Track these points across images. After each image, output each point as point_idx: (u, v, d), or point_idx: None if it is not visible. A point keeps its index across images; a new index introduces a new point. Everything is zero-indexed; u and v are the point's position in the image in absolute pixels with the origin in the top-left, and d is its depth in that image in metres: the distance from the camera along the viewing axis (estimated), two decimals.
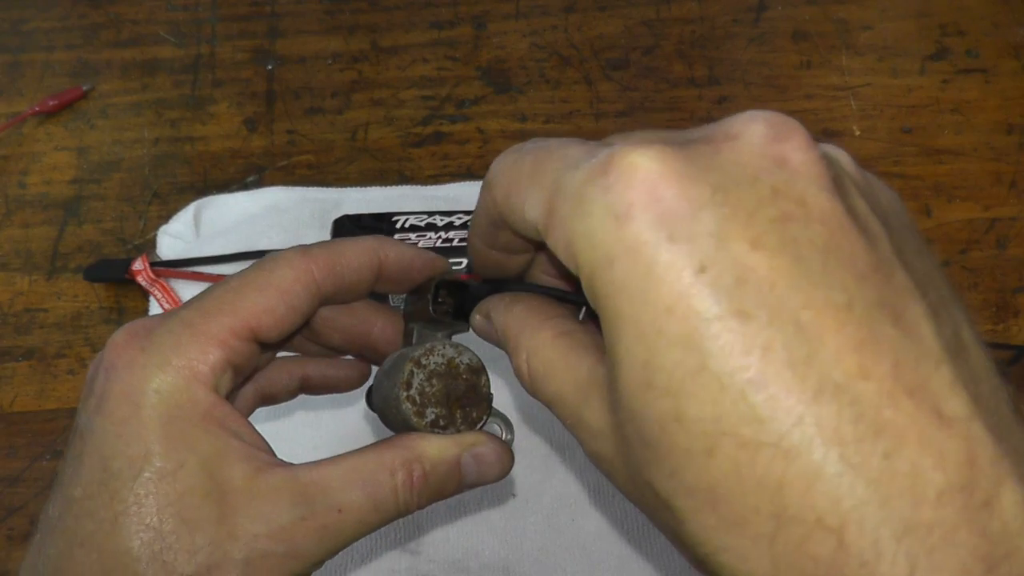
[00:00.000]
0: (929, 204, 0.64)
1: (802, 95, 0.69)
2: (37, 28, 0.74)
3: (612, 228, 0.24)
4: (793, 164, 0.24)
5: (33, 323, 0.60)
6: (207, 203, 0.63)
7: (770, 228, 0.23)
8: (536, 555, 0.51)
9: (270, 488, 0.31)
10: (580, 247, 0.25)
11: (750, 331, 0.22)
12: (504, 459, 0.34)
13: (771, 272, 0.23)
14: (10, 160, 0.67)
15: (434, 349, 0.34)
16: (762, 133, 0.25)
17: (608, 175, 0.24)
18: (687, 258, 0.23)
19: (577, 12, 0.74)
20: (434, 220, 0.58)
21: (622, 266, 0.24)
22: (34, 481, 0.55)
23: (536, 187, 0.26)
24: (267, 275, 0.33)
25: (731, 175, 0.24)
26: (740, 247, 0.23)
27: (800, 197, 0.24)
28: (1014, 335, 0.59)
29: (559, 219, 0.25)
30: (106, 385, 0.31)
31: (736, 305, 0.22)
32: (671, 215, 0.23)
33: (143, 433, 0.30)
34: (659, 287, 0.23)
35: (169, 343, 0.31)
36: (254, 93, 0.70)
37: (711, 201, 0.23)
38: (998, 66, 0.70)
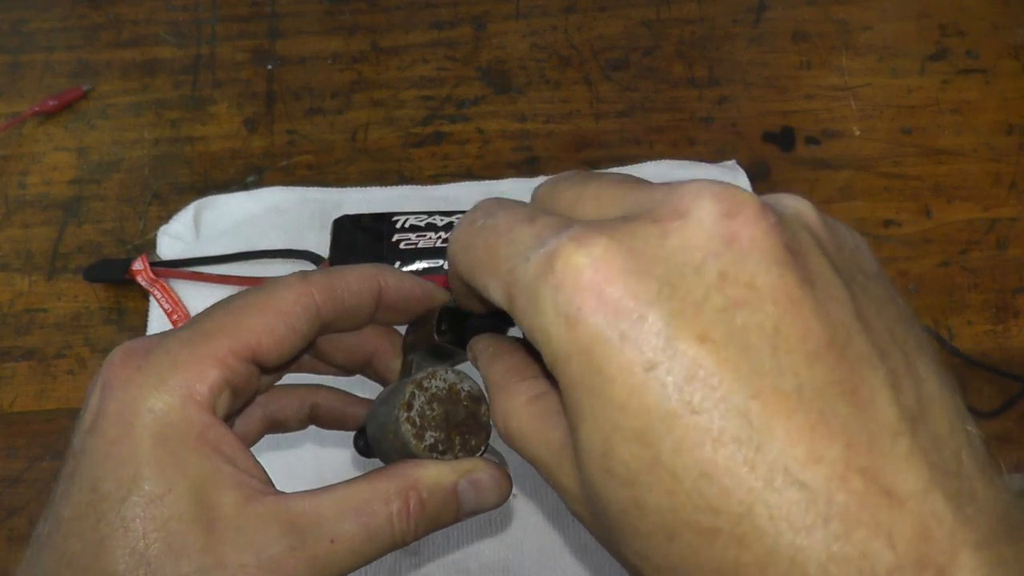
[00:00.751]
0: (929, 204, 0.64)
1: (802, 95, 0.69)
2: (37, 28, 0.74)
3: (564, 329, 0.24)
4: (743, 242, 0.24)
5: (33, 323, 0.60)
6: (207, 203, 0.63)
7: (717, 319, 0.23)
8: (536, 555, 0.51)
9: (260, 517, 0.30)
10: (539, 340, 0.25)
11: (700, 425, 0.23)
12: (502, 485, 0.34)
13: (718, 366, 0.23)
14: (10, 160, 0.67)
15: (436, 373, 0.34)
16: (710, 211, 0.24)
17: (555, 273, 0.24)
18: (637, 356, 0.23)
19: (577, 12, 0.74)
20: (434, 220, 0.58)
21: (577, 364, 0.24)
22: (34, 481, 0.55)
23: (493, 276, 0.27)
24: (267, 297, 0.33)
25: (677, 265, 0.24)
26: (688, 343, 0.23)
27: (749, 279, 0.24)
28: (1014, 335, 0.58)
29: (519, 311, 0.26)
30: (101, 404, 0.30)
31: (686, 400, 0.23)
32: (619, 314, 0.23)
33: (134, 454, 0.30)
34: (612, 385, 0.23)
35: (166, 362, 0.31)
36: (254, 93, 0.70)
37: (657, 298, 0.23)
38: (998, 66, 0.70)
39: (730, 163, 0.65)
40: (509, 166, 0.66)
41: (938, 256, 0.62)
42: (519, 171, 0.65)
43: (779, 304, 0.23)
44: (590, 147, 0.67)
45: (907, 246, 0.62)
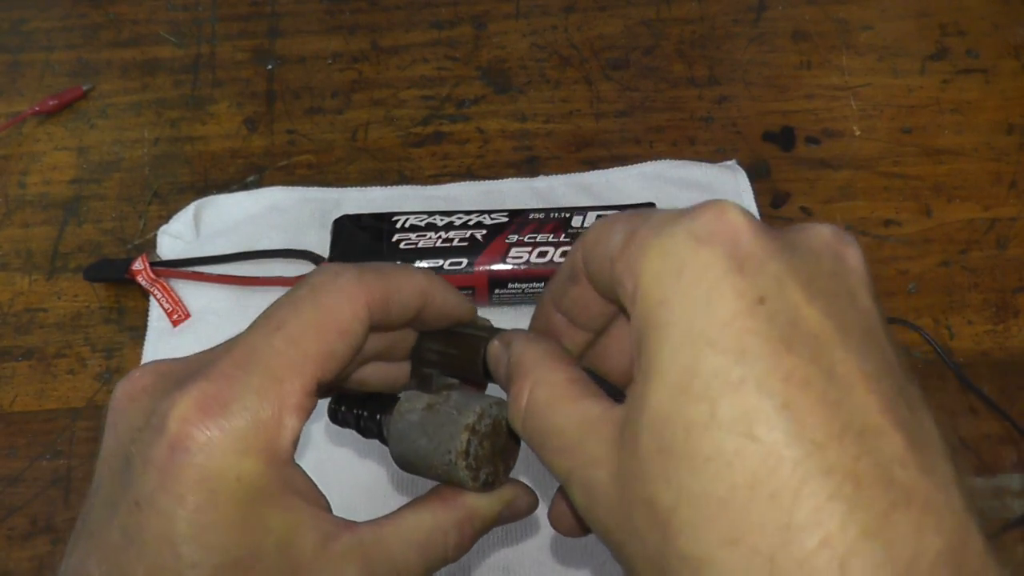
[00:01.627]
0: (929, 204, 0.64)
1: (802, 95, 0.69)
2: (37, 28, 0.74)
3: (690, 246, 0.26)
4: (850, 263, 0.28)
5: (33, 323, 0.60)
6: (207, 203, 0.63)
7: (824, 295, 0.26)
8: (536, 555, 0.51)
9: (339, 556, 0.31)
10: (649, 260, 0.27)
11: (792, 363, 0.24)
12: (533, 506, 0.36)
13: (818, 325, 0.25)
14: (10, 160, 0.67)
15: (484, 413, 0.34)
16: (829, 232, 0.28)
17: (699, 213, 0.27)
18: (751, 288, 0.25)
19: (577, 12, 0.74)
20: (434, 220, 0.58)
21: (688, 279, 0.26)
22: (34, 481, 0.55)
23: (626, 224, 0.29)
24: (325, 314, 0.31)
25: (800, 247, 0.27)
26: (798, 296, 0.25)
27: (851, 289, 0.27)
28: (1014, 335, 0.58)
29: (636, 240, 0.27)
30: (174, 464, 0.28)
31: (785, 337, 0.25)
32: (745, 253, 0.26)
33: (220, 522, 0.29)
34: (720, 304, 0.25)
35: (249, 422, 0.29)
36: (254, 93, 0.70)
37: (780, 254, 0.26)
38: (998, 66, 0.70)
39: (730, 163, 0.65)
40: (509, 166, 0.66)
41: (938, 256, 0.62)
42: (519, 171, 0.65)
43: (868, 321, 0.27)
44: (590, 146, 0.67)
45: (907, 246, 0.62)
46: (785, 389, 0.24)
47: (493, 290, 0.57)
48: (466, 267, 0.56)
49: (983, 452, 0.54)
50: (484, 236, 0.57)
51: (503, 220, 0.57)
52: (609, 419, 0.28)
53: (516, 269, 0.56)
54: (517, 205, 0.62)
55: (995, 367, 0.57)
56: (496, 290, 0.57)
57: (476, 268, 0.56)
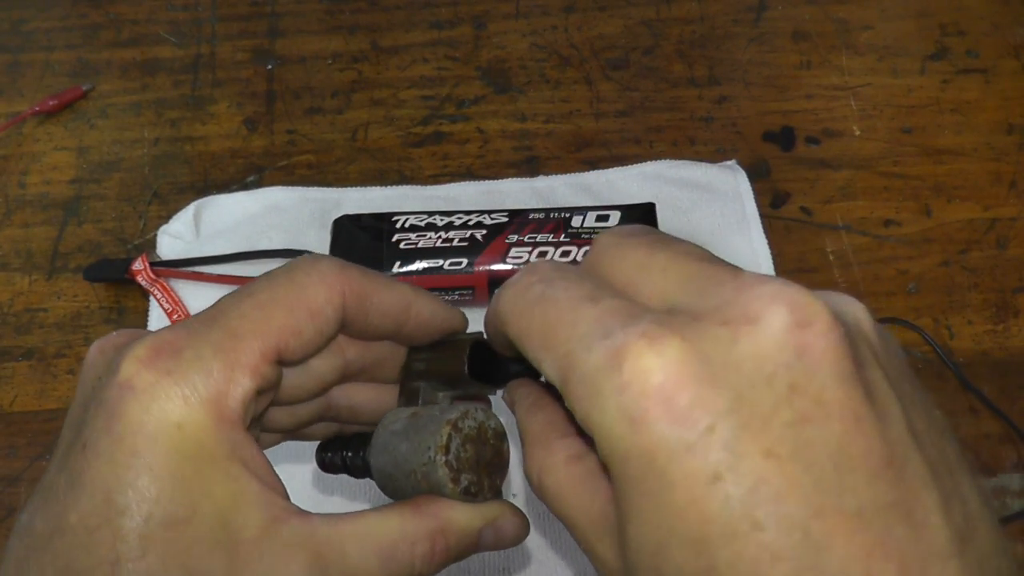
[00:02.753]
0: (929, 204, 0.64)
1: (802, 95, 0.69)
2: (37, 28, 0.74)
3: (628, 431, 0.24)
4: (814, 354, 0.24)
5: (33, 323, 0.60)
6: (207, 203, 0.63)
7: (784, 434, 0.23)
8: (536, 555, 0.51)
9: (284, 542, 0.29)
10: (597, 436, 0.25)
11: (761, 540, 0.23)
12: (521, 531, 0.34)
13: (783, 481, 0.23)
14: (10, 160, 0.67)
15: (468, 413, 0.33)
16: (782, 321, 0.24)
17: (622, 374, 0.24)
18: (702, 468, 0.23)
19: (577, 12, 0.74)
20: (434, 220, 0.58)
21: (636, 466, 0.24)
22: (34, 481, 0.55)
23: (548, 354, 0.27)
24: (298, 292, 0.31)
25: (748, 375, 0.24)
26: (755, 458, 0.23)
27: (818, 394, 0.24)
28: (1014, 335, 0.58)
29: (574, 398, 0.25)
30: (121, 405, 0.28)
31: (748, 514, 0.23)
32: (687, 423, 0.23)
33: (157, 470, 0.27)
34: (673, 491, 0.23)
35: (198, 371, 0.28)
36: (254, 93, 0.70)
37: (728, 409, 0.23)
38: (998, 66, 0.70)
39: (730, 163, 0.65)
40: (509, 165, 0.66)
41: (938, 256, 0.62)
42: (519, 171, 0.65)
43: (845, 421, 0.23)
44: (590, 146, 0.67)
45: (907, 246, 0.62)
46: (756, 573, 0.23)
47: (493, 290, 0.57)
48: (466, 267, 0.56)
49: (983, 452, 0.54)
50: (484, 236, 0.57)
51: (503, 220, 0.57)
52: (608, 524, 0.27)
53: (516, 269, 0.56)
54: (517, 205, 0.62)
55: (995, 367, 0.57)
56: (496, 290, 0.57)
57: (476, 268, 0.56)
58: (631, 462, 0.24)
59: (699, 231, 0.61)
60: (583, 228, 0.57)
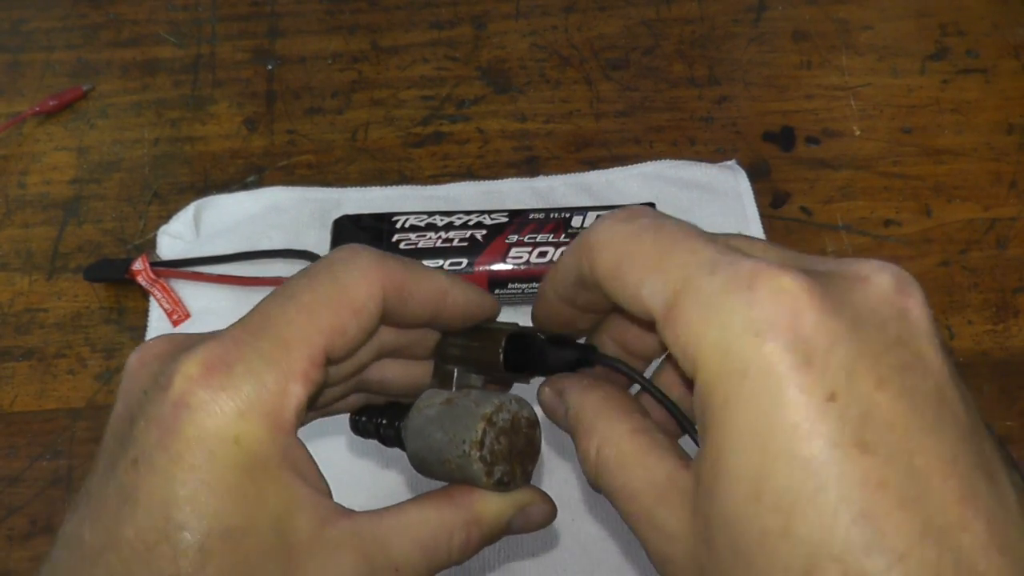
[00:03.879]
0: (929, 204, 0.64)
1: (802, 95, 0.69)
2: (37, 28, 0.74)
3: (750, 343, 0.25)
4: (913, 318, 0.26)
5: (33, 323, 0.60)
6: (207, 203, 0.63)
7: (893, 372, 0.25)
8: (536, 555, 0.51)
9: (334, 543, 0.30)
10: (707, 354, 0.25)
11: (869, 464, 0.23)
12: (549, 515, 0.35)
13: (892, 413, 0.24)
14: (10, 160, 0.67)
15: (503, 406, 0.33)
16: (889, 283, 0.27)
17: (754, 291, 0.25)
18: (819, 385, 0.24)
19: (577, 12, 0.74)
20: (434, 220, 0.58)
21: (753, 381, 0.24)
22: (34, 481, 0.55)
23: (659, 274, 0.27)
24: (340, 290, 0.31)
25: (863, 315, 0.25)
26: (868, 384, 0.24)
27: (918, 350, 0.26)
28: (1014, 335, 0.58)
29: (686, 320, 0.26)
30: (176, 423, 0.28)
31: (859, 437, 0.24)
32: (809, 342, 0.24)
33: (215, 485, 0.28)
34: (788, 407, 0.24)
35: (251, 385, 0.29)
36: (254, 93, 0.70)
37: (846, 336, 0.25)
38: (998, 66, 0.70)
39: (730, 163, 0.65)
40: (509, 166, 0.66)
41: (938, 256, 0.62)
42: (519, 171, 0.65)
43: (940, 383, 0.25)
44: (590, 146, 0.67)
45: (907, 246, 0.62)
46: (861, 496, 0.23)
47: (493, 290, 0.57)
48: (466, 267, 0.56)
49: None
50: (484, 236, 0.57)
51: (503, 220, 0.57)
52: (678, 488, 0.27)
53: (516, 269, 0.56)
54: (517, 205, 0.62)
55: (995, 367, 0.57)
56: (496, 290, 0.57)
57: (476, 268, 0.56)
58: (747, 377, 0.24)
59: None
60: (583, 228, 0.57)
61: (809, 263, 0.27)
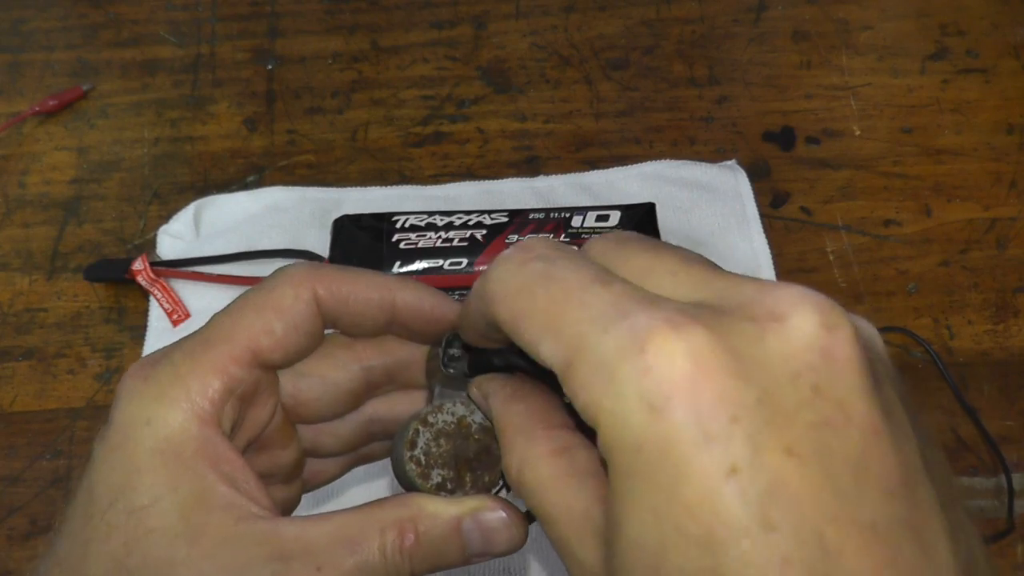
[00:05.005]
0: (929, 204, 0.64)
1: (802, 95, 0.69)
2: (37, 28, 0.74)
3: (645, 418, 0.23)
4: (839, 361, 0.23)
5: (33, 323, 0.60)
6: (207, 203, 0.63)
7: (806, 434, 0.23)
8: (536, 555, 0.51)
9: (246, 539, 0.29)
10: (605, 422, 0.24)
11: (773, 543, 0.22)
12: (513, 528, 0.32)
13: (801, 483, 0.22)
14: (10, 160, 0.67)
15: (443, 407, 0.32)
16: (810, 322, 0.23)
17: (645, 357, 0.23)
18: (720, 460, 0.22)
19: (577, 12, 0.74)
20: (434, 220, 0.58)
21: (649, 456, 0.23)
22: (34, 481, 0.55)
23: (552, 336, 0.25)
24: (266, 295, 0.32)
25: (773, 371, 0.23)
26: (775, 454, 0.22)
27: (840, 401, 0.23)
28: (1014, 335, 0.58)
29: (582, 384, 0.24)
30: (112, 414, 0.31)
31: (762, 514, 0.22)
32: (709, 415, 0.22)
33: (127, 463, 0.30)
34: (687, 484, 0.22)
35: (169, 374, 0.31)
36: (254, 93, 0.70)
37: (752, 404, 0.23)
38: (998, 66, 0.70)
39: (730, 163, 0.65)
40: (509, 165, 0.66)
41: (938, 255, 0.62)
42: (519, 170, 0.65)
43: (864, 433, 0.23)
44: (590, 146, 0.67)
45: (907, 245, 0.62)
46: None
47: None
48: (466, 267, 0.56)
49: (983, 452, 0.54)
50: (484, 236, 0.57)
51: (503, 220, 0.57)
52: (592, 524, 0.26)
53: None
54: (517, 205, 0.62)
55: (995, 367, 0.57)
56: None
57: (476, 268, 0.56)
58: (643, 452, 0.23)
59: (699, 231, 0.61)
60: (583, 228, 0.57)
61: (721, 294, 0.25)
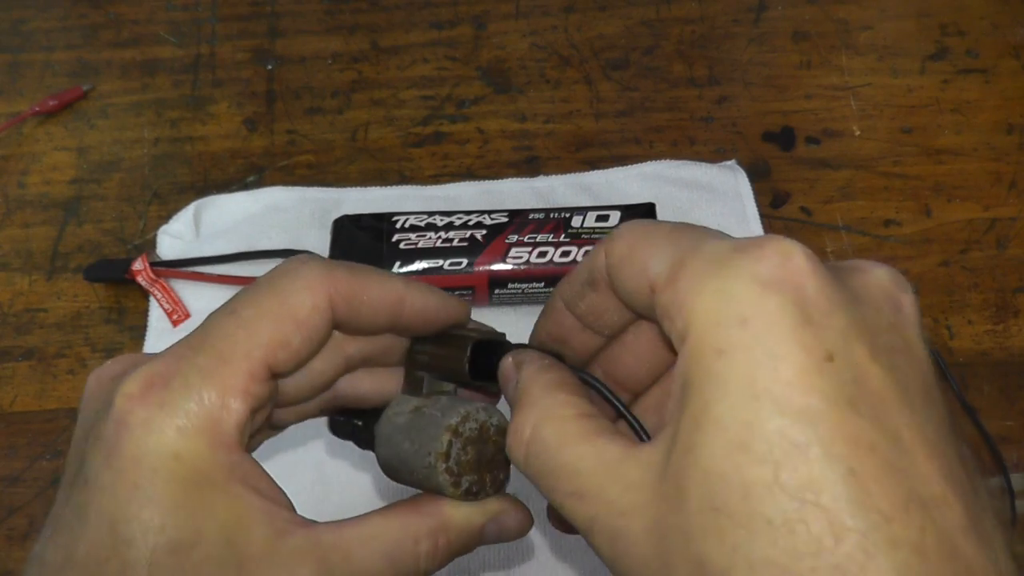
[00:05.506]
0: (929, 204, 0.64)
1: (802, 95, 0.69)
2: (37, 28, 0.74)
3: (755, 292, 0.25)
4: (905, 311, 0.27)
5: (33, 323, 0.60)
6: (207, 203, 0.63)
7: (886, 351, 0.25)
8: (536, 555, 0.51)
9: (290, 553, 0.29)
10: (706, 303, 0.26)
11: (860, 426, 0.24)
12: (524, 524, 0.34)
13: (883, 385, 0.25)
14: (10, 160, 0.67)
15: (469, 415, 0.33)
16: (886, 277, 0.27)
17: (762, 249, 0.26)
18: (819, 343, 0.24)
19: (577, 12, 0.74)
20: (434, 220, 0.58)
21: (752, 329, 0.25)
22: (34, 481, 0.55)
23: (670, 246, 0.28)
24: (281, 301, 0.31)
25: (861, 296, 0.26)
26: (862, 353, 0.25)
27: (907, 340, 0.27)
28: (1014, 335, 0.58)
29: (688, 275, 0.26)
30: (118, 441, 0.28)
31: (851, 398, 0.24)
32: (811, 302, 0.25)
33: (159, 500, 0.28)
34: (786, 359, 0.24)
35: (188, 400, 0.29)
36: (254, 93, 0.70)
37: (846, 306, 0.25)
38: (998, 66, 0.70)
39: (730, 163, 0.65)
40: (509, 166, 0.66)
41: (938, 256, 0.62)
42: (519, 171, 0.65)
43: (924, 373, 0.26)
44: (590, 146, 0.67)
45: (907, 245, 0.62)
46: (852, 454, 0.23)
47: (493, 290, 0.57)
48: (466, 267, 0.56)
49: (983, 452, 0.54)
50: (484, 236, 0.57)
51: (503, 220, 0.57)
52: (637, 463, 0.27)
53: (516, 269, 0.56)
54: (517, 205, 0.62)
55: (995, 367, 0.57)
56: (496, 290, 0.57)
57: (476, 268, 0.56)
58: (748, 327, 0.25)
59: None
60: (583, 228, 0.57)
61: None
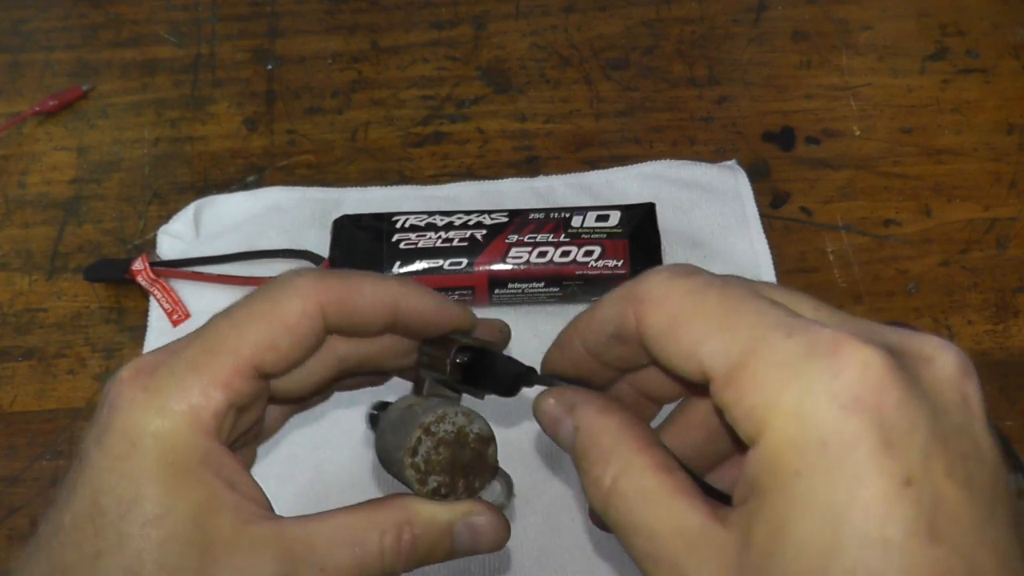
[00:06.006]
0: (929, 204, 0.64)
1: (802, 95, 0.69)
2: (37, 28, 0.74)
3: (834, 415, 0.24)
4: (972, 405, 0.26)
5: (33, 323, 0.60)
6: (207, 203, 0.63)
7: (960, 460, 0.25)
8: (536, 555, 0.51)
9: (255, 541, 0.30)
10: (782, 419, 0.25)
11: (937, 555, 0.23)
12: (499, 531, 0.34)
13: (958, 503, 0.24)
14: (10, 160, 0.67)
15: (445, 416, 0.33)
16: (954, 365, 0.26)
17: (838, 360, 0.25)
18: (898, 468, 0.24)
19: (577, 12, 0.74)
20: (434, 220, 0.58)
21: (832, 454, 0.24)
22: (34, 481, 0.55)
23: (726, 333, 0.26)
24: (272, 306, 0.32)
25: (935, 399, 0.25)
26: (939, 471, 0.24)
27: (976, 439, 0.26)
28: (1014, 335, 0.58)
29: (758, 381, 0.25)
30: (108, 420, 0.31)
31: (930, 524, 0.24)
32: (891, 422, 0.24)
33: (135, 474, 0.30)
34: (867, 487, 0.24)
35: (171, 385, 0.31)
36: (254, 93, 0.70)
37: (924, 421, 0.24)
38: (998, 66, 0.70)
39: (730, 163, 0.65)
40: (509, 166, 0.66)
41: (938, 256, 0.62)
42: (519, 171, 0.65)
43: (994, 473, 0.26)
44: (590, 146, 0.67)
45: (907, 245, 0.62)
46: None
47: (493, 290, 0.57)
48: (466, 267, 0.56)
49: None
50: (484, 236, 0.57)
51: (503, 220, 0.57)
52: (713, 543, 0.26)
53: (516, 269, 0.56)
54: (517, 205, 0.62)
55: (995, 367, 0.57)
56: (496, 290, 0.57)
57: (476, 268, 0.56)
58: (828, 449, 0.24)
59: (699, 231, 0.61)
60: (583, 228, 0.57)
61: (873, 332, 0.27)
